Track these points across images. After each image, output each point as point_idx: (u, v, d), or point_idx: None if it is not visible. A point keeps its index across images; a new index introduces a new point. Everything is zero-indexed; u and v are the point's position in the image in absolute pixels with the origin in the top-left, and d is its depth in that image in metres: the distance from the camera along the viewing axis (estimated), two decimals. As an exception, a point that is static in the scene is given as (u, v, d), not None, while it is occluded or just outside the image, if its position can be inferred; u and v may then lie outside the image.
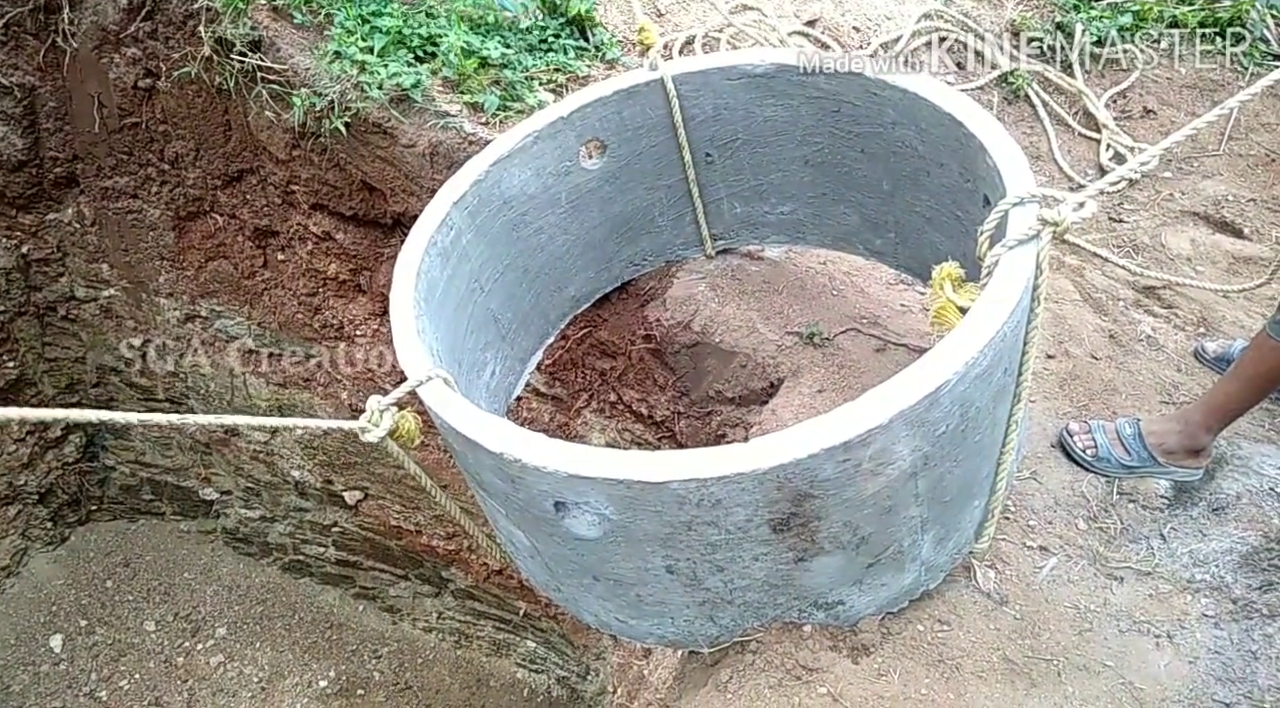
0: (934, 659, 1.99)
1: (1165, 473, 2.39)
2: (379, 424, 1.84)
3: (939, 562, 2.08)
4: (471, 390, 2.65)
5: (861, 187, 2.80)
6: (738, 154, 2.91)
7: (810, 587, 1.95)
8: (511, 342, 2.96)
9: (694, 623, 2.07)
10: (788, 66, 2.59)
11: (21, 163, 4.29)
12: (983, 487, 2.04)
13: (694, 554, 1.84)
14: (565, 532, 1.89)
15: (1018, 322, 1.76)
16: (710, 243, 3.21)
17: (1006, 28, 4.23)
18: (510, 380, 3.00)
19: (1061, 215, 1.71)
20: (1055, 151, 3.85)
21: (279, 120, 3.54)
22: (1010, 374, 1.86)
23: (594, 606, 2.20)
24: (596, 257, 3.12)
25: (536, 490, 1.81)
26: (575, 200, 2.90)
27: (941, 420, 1.70)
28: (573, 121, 2.71)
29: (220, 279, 4.45)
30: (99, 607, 5.56)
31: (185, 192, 4.18)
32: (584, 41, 3.66)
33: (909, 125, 2.44)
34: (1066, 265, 3.26)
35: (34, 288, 4.86)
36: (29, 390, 5.17)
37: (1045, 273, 1.78)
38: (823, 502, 1.73)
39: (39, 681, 5.24)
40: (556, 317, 3.17)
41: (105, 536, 5.91)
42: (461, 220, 2.54)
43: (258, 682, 5.29)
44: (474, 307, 2.68)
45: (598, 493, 1.74)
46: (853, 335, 2.89)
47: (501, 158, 2.60)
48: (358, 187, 3.71)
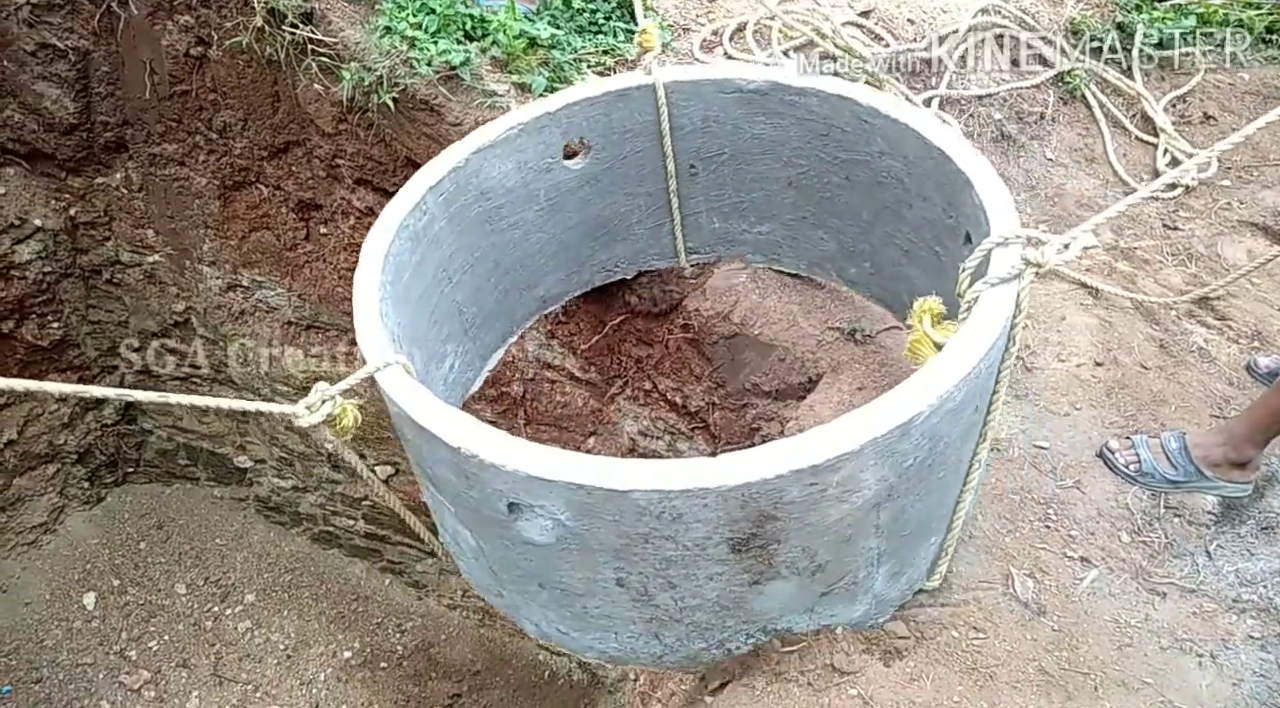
0: (968, 667, 1.96)
1: (1213, 487, 2.33)
2: (314, 410, 1.79)
3: (890, 597, 2.05)
4: (430, 381, 2.59)
5: (842, 214, 2.77)
6: (722, 169, 2.88)
7: (760, 612, 1.92)
8: (474, 337, 2.91)
9: (638, 639, 2.02)
10: (782, 85, 2.55)
11: (73, 126, 4.33)
12: (940, 524, 2.01)
13: (647, 569, 1.79)
14: (516, 535, 1.83)
15: (992, 361, 1.74)
16: (685, 255, 3.18)
17: (1065, 26, 4.13)
18: (469, 376, 2.95)
19: (1045, 256, 1.68)
20: (1110, 154, 3.76)
21: (327, 94, 3.54)
22: (980, 412, 1.84)
23: (536, 614, 2.14)
24: (569, 258, 3.08)
25: (491, 489, 1.75)
26: (554, 199, 2.85)
27: (911, 452, 1.68)
28: (559, 118, 2.66)
29: (262, 250, 4.48)
30: (132, 567, 5.66)
31: (232, 161, 4.21)
32: (634, 24, 3.62)
33: (896, 156, 2.40)
34: (1119, 272, 3.19)
35: (80, 251, 4.92)
36: (72, 352, 5.25)
37: (1024, 312, 1.76)
38: (784, 525, 1.69)
39: (71, 636, 5.35)
40: (522, 316, 3.12)
41: (140, 498, 6.00)
42: (436, 206, 2.48)
43: (283, 649, 5.36)
44: (440, 296, 2.62)
45: (555, 497, 1.68)
46: (895, 333, 2.85)
47: (483, 147, 2.54)
48: (402, 163, 3.71)
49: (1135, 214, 3.50)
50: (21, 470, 5.31)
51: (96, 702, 5.15)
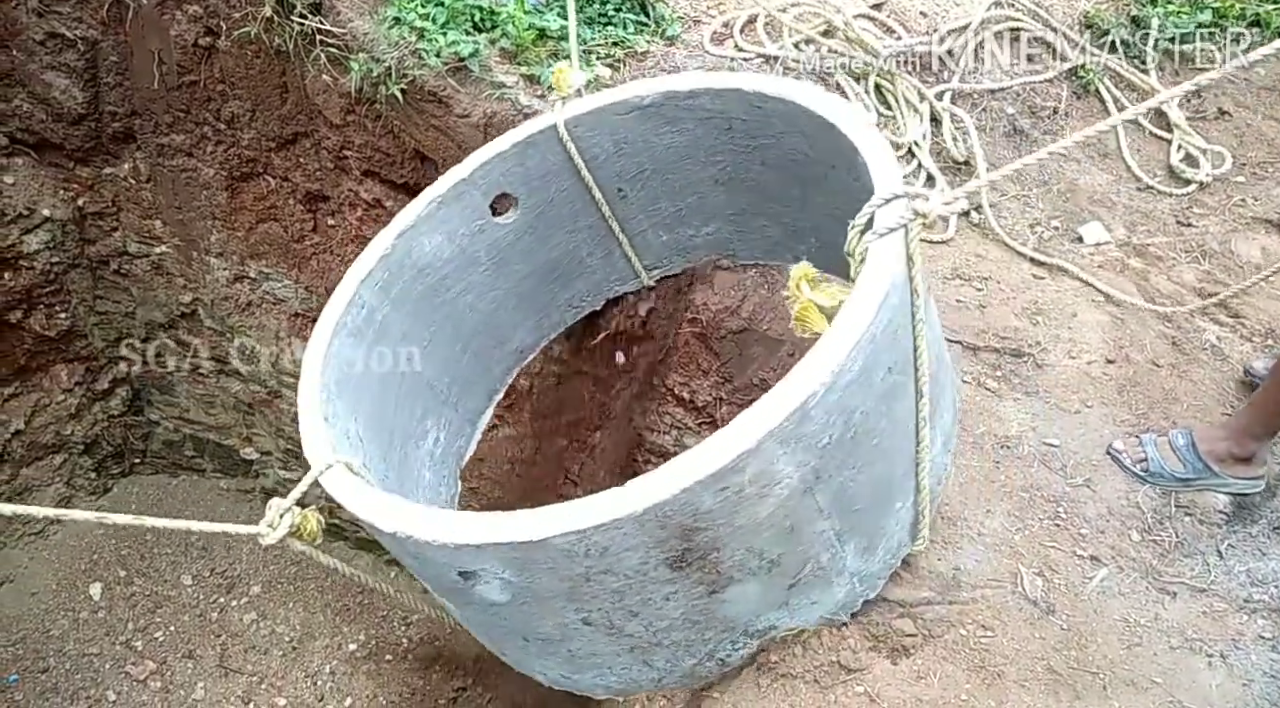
0: (975, 665, 1.94)
1: (1223, 485, 2.31)
2: (276, 527, 1.88)
3: (872, 570, 2.03)
4: (410, 461, 2.69)
5: (775, 198, 2.78)
6: (649, 184, 2.89)
7: (734, 617, 1.92)
8: (455, 406, 2.96)
9: (631, 670, 2.04)
10: (673, 92, 2.57)
11: (81, 116, 4.33)
12: (902, 488, 1.98)
13: (604, 604, 1.81)
14: (480, 599, 1.88)
15: (889, 319, 1.71)
16: (646, 273, 3.21)
17: (1079, 20, 4.10)
18: (460, 443, 3.02)
19: (930, 206, 1.64)
20: (1124, 150, 3.72)
21: (335, 85, 3.53)
22: (900, 372, 1.80)
23: (536, 664, 2.19)
24: (532, 307, 3.11)
25: (438, 564, 1.82)
26: (496, 256, 2.88)
27: (820, 432, 1.66)
28: (475, 180, 2.69)
29: (270, 241, 4.47)
30: (138, 558, 5.67)
31: (239, 152, 4.20)
32: (644, 16, 3.60)
33: (795, 133, 2.42)
34: (1130, 269, 3.16)
35: (88, 241, 4.92)
36: (79, 342, 5.26)
37: (919, 265, 1.73)
38: (714, 533, 1.69)
39: (78, 627, 5.36)
40: (501, 372, 3.17)
41: (147, 489, 6.01)
42: (373, 297, 2.53)
43: (289, 641, 5.36)
44: (401, 379, 2.68)
45: (490, 559, 1.73)
46: (905, 329, 2.83)
47: (407, 228, 2.60)
48: (410, 155, 3.70)
49: (1148, 210, 3.47)
50: (29, 461, 5.32)
51: (102, 692, 5.17)
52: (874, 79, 3.57)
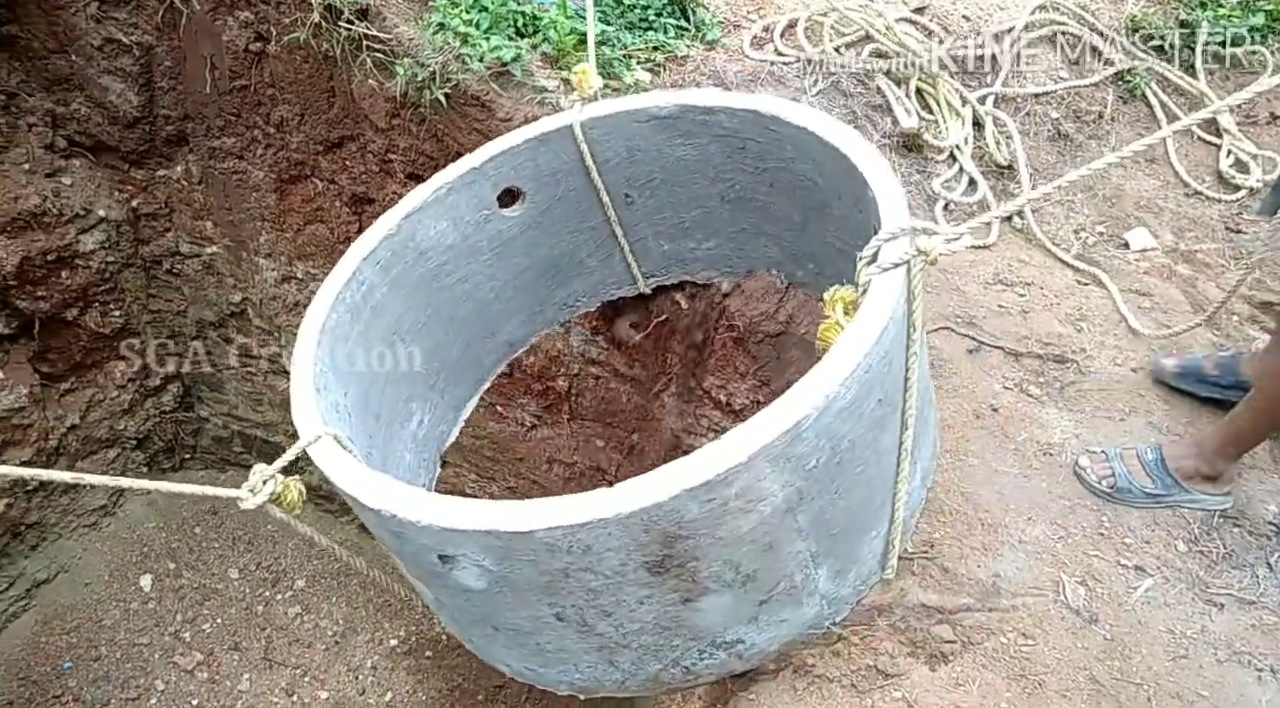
0: (1015, 674, 1.93)
1: (1192, 501, 2.26)
2: (257, 492, 1.88)
3: (841, 594, 2.04)
4: (393, 442, 2.70)
5: (776, 220, 2.80)
6: (657, 193, 2.92)
7: (704, 627, 1.93)
8: (441, 391, 2.98)
9: (597, 668, 2.06)
10: (691, 106, 2.59)
11: (136, 119, 4.44)
12: (878, 517, 2.00)
13: (578, 600, 1.83)
14: (456, 584, 1.89)
15: (886, 351, 1.73)
16: (643, 280, 3.23)
17: (1126, 23, 4.04)
18: (443, 429, 3.04)
19: (932, 244, 1.66)
20: (1172, 155, 3.67)
21: (381, 89, 3.59)
22: (889, 404, 1.83)
23: (503, 655, 2.20)
24: (528, 301, 3.13)
25: (419, 544, 1.83)
26: (498, 247, 2.91)
27: (809, 455, 1.68)
28: (485, 171, 2.72)
29: (316, 243, 4.55)
30: (187, 551, 5.80)
31: (288, 155, 4.29)
32: (684, 21, 3.62)
33: (806, 159, 2.42)
34: (1177, 275, 3.12)
35: (142, 241, 5.05)
36: (132, 339, 5.39)
37: (920, 300, 1.75)
38: (695, 542, 1.70)
39: (129, 617, 5.50)
40: (491, 363, 3.19)
41: (196, 483, 6.15)
42: (373, 275, 2.55)
43: (331, 635, 5.46)
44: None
45: (472, 545, 1.74)
46: (945, 334, 2.82)
47: (413, 211, 2.62)
48: (453, 158, 3.71)
49: (1196, 216, 3.42)
50: (83, 454, 5.46)
51: (151, 681, 5.29)
52: (915, 82, 3.55)
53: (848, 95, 3.48)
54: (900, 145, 3.43)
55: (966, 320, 2.84)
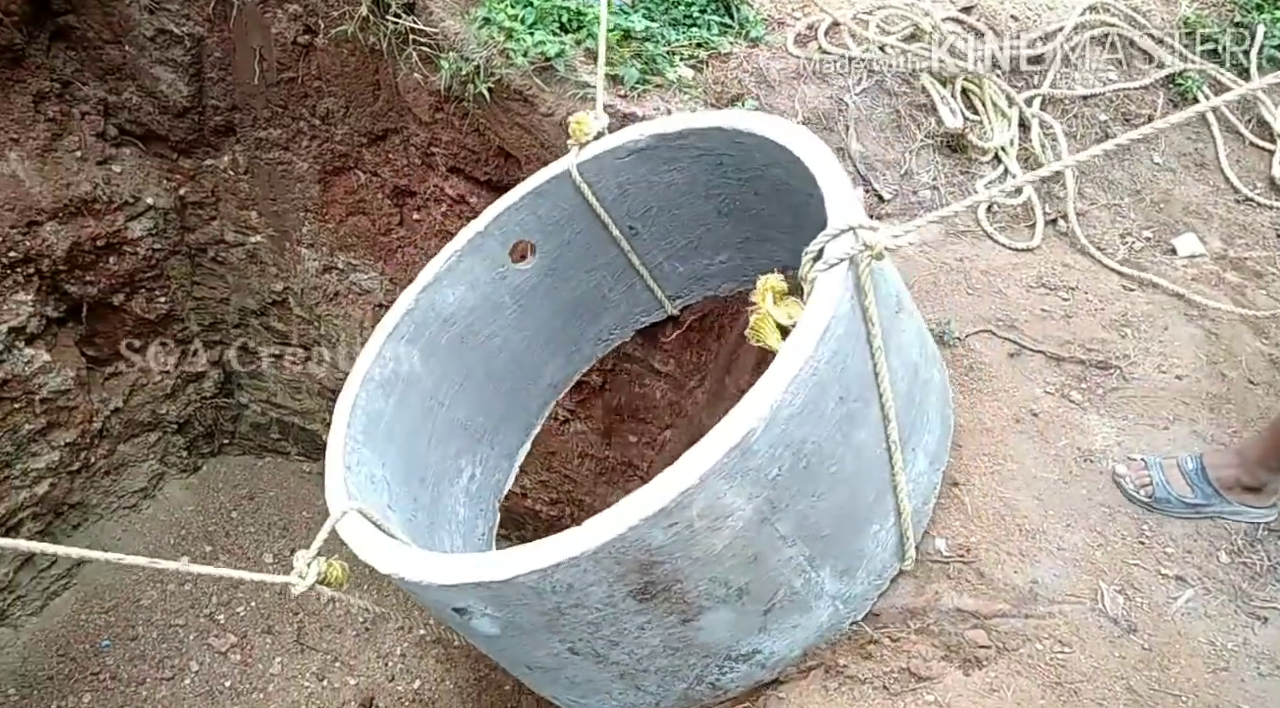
0: (1051, 681, 1.91)
1: (1235, 513, 2.21)
2: (305, 577, 2.04)
3: (855, 593, 2.05)
4: (443, 499, 2.86)
5: (773, 225, 2.87)
6: (658, 220, 3.00)
7: (713, 644, 1.96)
8: (491, 442, 3.13)
9: (628, 694, 2.12)
10: (663, 134, 2.67)
11: (185, 109, 4.52)
12: (877, 511, 2.00)
13: (583, 634, 1.89)
14: (478, 632, 2.00)
15: (835, 350, 1.73)
16: (669, 303, 3.33)
17: (1179, 25, 3.97)
18: (498, 478, 3.19)
19: (877, 239, 1.69)
20: (1223, 160, 3.60)
21: (425, 83, 3.62)
22: (857, 400, 1.82)
23: (548, 689, 2.30)
24: (562, 343, 3.26)
25: (434, 601, 1.96)
26: (520, 300, 3.03)
27: (768, 465, 1.69)
28: (491, 232, 2.85)
29: (358, 234, 4.61)
30: (223, 535, 5.90)
31: (332, 147, 4.34)
32: (729, 18, 3.61)
33: (775, 164, 2.47)
34: (1226, 283, 3.06)
35: (188, 229, 5.14)
36: (176, 325, 5.49)
37: (871, 295, 1.75)
38: (673, 565, 1.73)
39: (165, 598, 5.60)
40: (537, 407, 3.33)
41: (234, 469, 6.25)
42: (399, 350, 2.70)
43: (362, 622, 5.52)
44: (434, 422, 2.85)
45: (471, 597, 1.84)
46: (986, 337, 2.79)
47: (429, 284, 2.77)
48: (495, 152, 3.77)
49: (1247, 223, 3.35)
50: (126, 437, 5.57)
51: (186, 661, 5.39)
52: (961, 83, 3.52)
53: (892, 94, 3.45)
54: (944, 145, 3.40)
55: (1008, 323, 2.81)
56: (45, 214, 4.48)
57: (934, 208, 3.30)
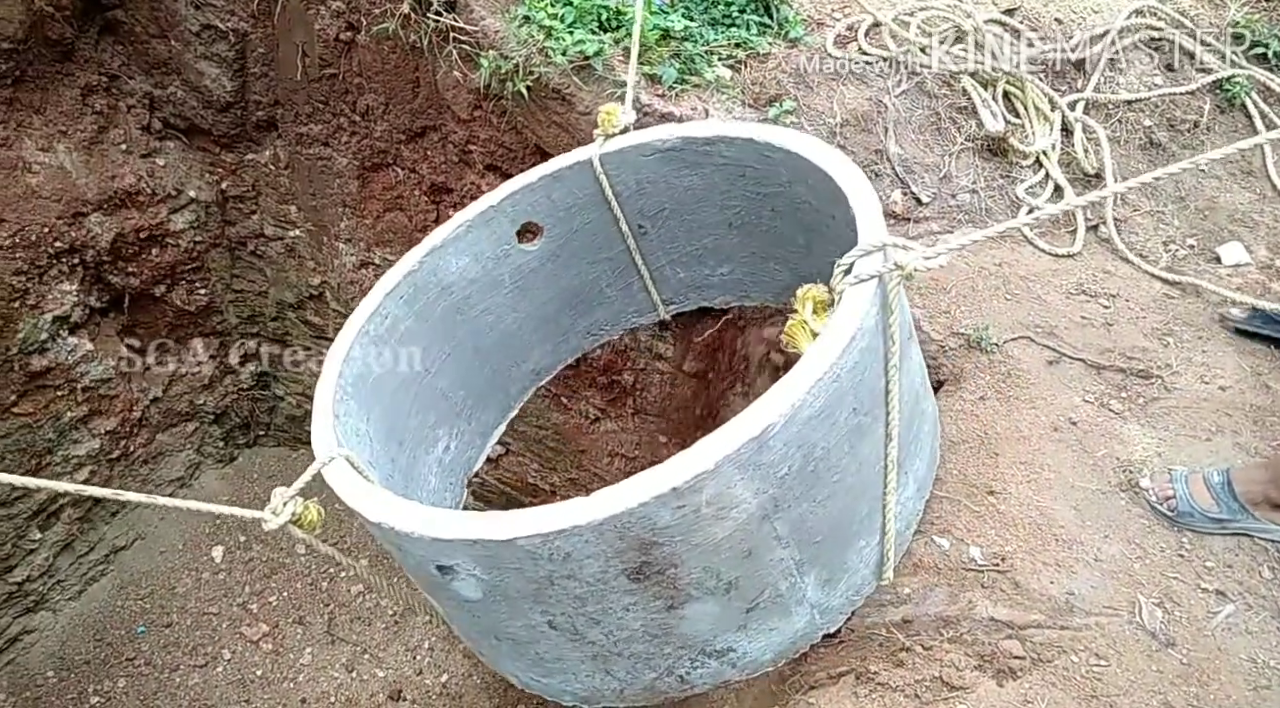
0: (1086, 694, 1.88)
1: (1262, 530, 2.15)
2: (279, 514, 2.00)
3: (833, 604, 2.07)
4: (417, 465, 2.85)
5: (783, 243, 2.87)
6: (668, 223, 3.01)
7: (692, 635, 1.97)
8: (468, 417, 3.12)
9: (594, 678, 2.13)
10: (691, 138, 2.68)
11: (229, 104, 4.59)
12: (867, 527, 2.02)
13: (567, 608, 1.89)
14: (456, 595, 1.98)
15: (856, 362, 1.76)
16: (663, 307, 3.33)
17: (1227, 29, 3.89)
18: (471, 454, 3.18)
19: (908, 259, 1.73)
20: (1270, 168, 3.53)
21: (464, 80, 3.64)
22: (867, 415, 1.85)
23: (509, 666, 2.30)
24: (551, 330, 3.26)
25: (418, 556, 1.92)
26: (519, 280, 3.03)
27: (779, 462, 1.72)
28: (503, 208, 2.86)
29: (395, 230, 4.65)
30: (257, 525, 5.96)
31: (372, 143, 4.38)
32: (768, 18, 3.60)
33: (800, 182, 2.48)
34: (1271, 292, 2.99)
35: (229, 222, 5.21)
36: (215, 317, 5.57)
37: (896, 314, 1.79)
38: (672, 548, 1.75)
39: (200, 586, 5.69)
40: (518, 391, 3.33)
41: (269, 460, 6.32)
42: (397, 309, 2.69)
43: (391, 615, 5.57)
44: (419, 387, 2.85)
45: (462, 555, 1.82)
46: (1025, 344, 2.76)
47: (435, 248, 2.76)
48: (531, 150, 3.78)
49: (1295, 231, 3.28)
50: (164, 427, 5.66)
51: (219, 649, 5.47)
52: (1003, 86, 3.48)
53: (932, 97, 3.42)
54: (985, 149, 3.36)
55: (1047, 330, 2.77)
56: (90, 205, 4.56)
57: (973, 212, 3.27)
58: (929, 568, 2.19)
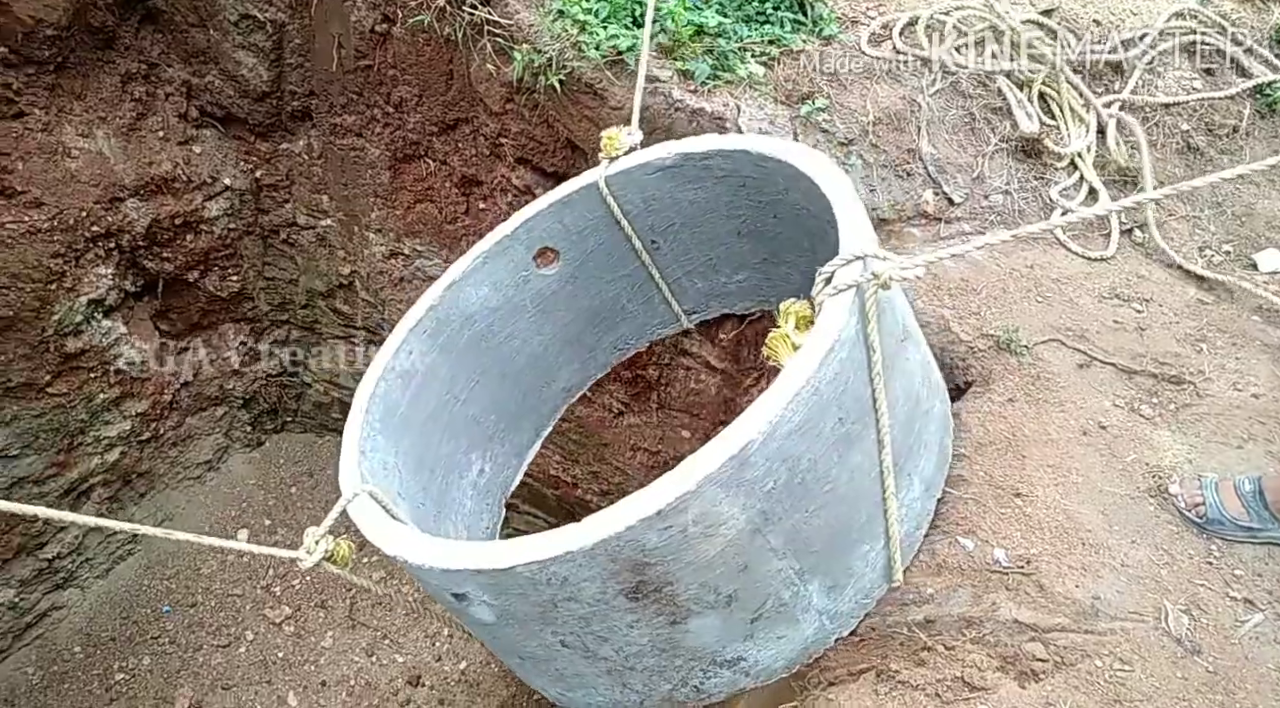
0: (1109, 699, 1.87)
1: None
2: (313, 552, 2.12)
3: (842, 610, 2.09)
4: (451, 491, 2.95)
5: (790, 248, 2.91)
6: (679, 236, 3.05)
7: (700, 647, 2.00)
8: (502, 440, 3.21)
9: (613, 691, 2.18)
10: (689, 153, 2.72)
11: (265, 94, 4.64)
12: (868, 532, 2.03)
13: (574, 628, 1.95)
14: (474, 619, 2.06)
15: (836, 373, 1.77)
16: (686, 317, 3.39)
17: (1271, 34, 3.84)
18: (506, 475, 3.27)
19: (884, 269, 1.74)
20: (1311, 174, 3.48)
21: (498, 74, 3.66)
22: (855, 423, 1.86)
23: (537, 682, 2.36)
24: (578, 349, 3.33)
25: (435, 585, 2.01)
26: (541, 304, 3.10)
27: (764, 478, 1.73)
28: (518, 236, 2.92)
29: (425, 221, 4.68)
30: (282, 510, 6.05)
31: (404, 135, 4.41)
32: (802, 15, 3.59)
33: (796, 190, 2.49)
34: (1310, 300, 2.96)
35: (262, 211, 5.27)
36: (247, 304, 5.64)
37: (875, 322, 1.80)
38: (665, 568, 1.78)
39: (225, 568, 5.77)
40: (549, 410, 3.41)
41: (295, 446, 6.39)
42: (421, 344, 2.78)
43: (413, 601, 5.61)
44: (449, 416, 2.94)
45: (470, 583, 1.89)
46: (1055, 347, 2.74)
47: (455, 281, 2.84)
48: (562, 144, 3.80)
49: (1334, 238, 3.24)
50: (194, 411, 5.74)
51: (242, 630, 5.54)
52: (1039, 86, 3.45)
53: (966, 97, 3.40)
54: (1019, 150, 3.34)
55: (1078, 334, 2.75)
56: (128, 191, 4.63)
57: (1005, 213, 3.25)
58: (953, 569, 2.19)
